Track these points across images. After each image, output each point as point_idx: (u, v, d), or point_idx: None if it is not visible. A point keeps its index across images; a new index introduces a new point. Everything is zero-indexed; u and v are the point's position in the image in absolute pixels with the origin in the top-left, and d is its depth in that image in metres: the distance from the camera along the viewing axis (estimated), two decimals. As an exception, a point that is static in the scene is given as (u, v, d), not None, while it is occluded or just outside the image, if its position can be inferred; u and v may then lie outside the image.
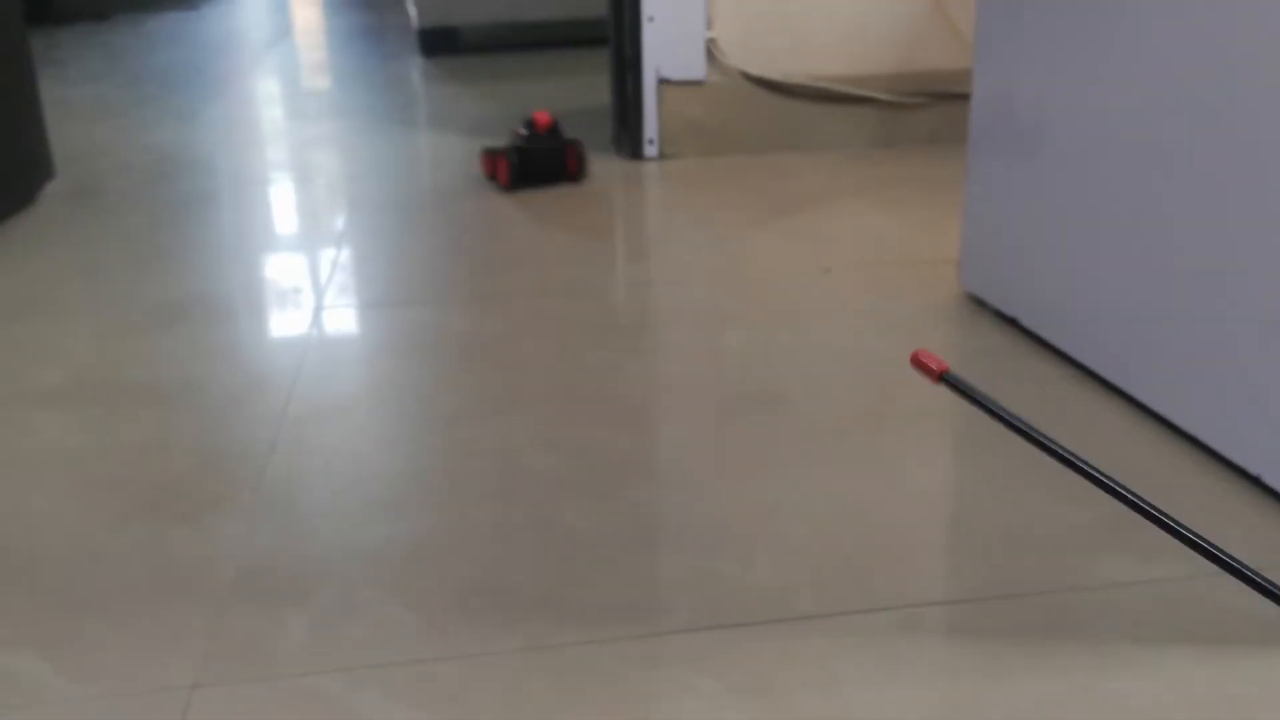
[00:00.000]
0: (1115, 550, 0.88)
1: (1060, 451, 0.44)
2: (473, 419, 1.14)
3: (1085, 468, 0.43)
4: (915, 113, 2.16)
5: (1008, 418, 0.45)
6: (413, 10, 3.81)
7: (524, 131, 1.96)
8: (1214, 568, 0.76)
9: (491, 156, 1.99)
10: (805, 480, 1.00)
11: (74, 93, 3.25)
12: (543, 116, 1.96)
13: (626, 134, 2.19)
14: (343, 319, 1.44)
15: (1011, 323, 1.29)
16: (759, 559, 0.89)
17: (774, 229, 1.73)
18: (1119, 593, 0.83)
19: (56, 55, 4.07)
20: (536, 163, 1.95)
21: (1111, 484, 0.41)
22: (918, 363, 0.47)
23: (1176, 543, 0.88)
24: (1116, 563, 0.86)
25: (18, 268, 1.66)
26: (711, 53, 2.09)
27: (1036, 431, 0.44)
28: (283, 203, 2.05)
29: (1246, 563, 0.63)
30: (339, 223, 1.85)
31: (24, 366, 1.30)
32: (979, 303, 1.36)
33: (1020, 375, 1.19)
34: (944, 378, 0.47)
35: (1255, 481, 0.95)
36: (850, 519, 0.94)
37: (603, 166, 2.14)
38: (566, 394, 1.19)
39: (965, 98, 1.37)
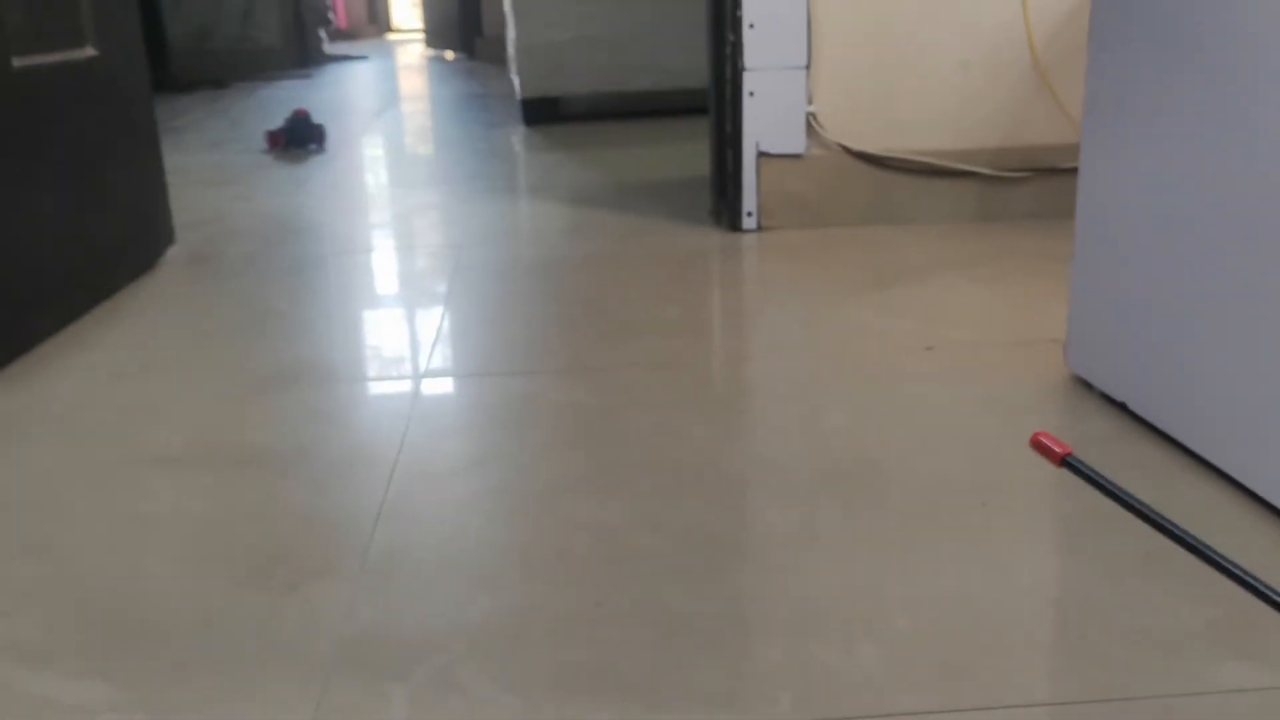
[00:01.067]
0: (1235, 654, 0.85)
1: (1196, 544, 0.43)
2: (573, 493, 1.15)
3: (1223, 562, 0.41)
4: (1017, 187, 2.14)
5: (1136, 504, 0.44)
6: (516, 80, 3.91)
7: (290, 118, 3.48)
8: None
9: (272, 133, 3.47)
10: (908, 566, 0.99)
11: (193, 159, 3.39)
12: (301, 111, 3.52)
13: (725, 206, 2.21)
14: (446, 387, 1.47)
15: (1120, 407, 1.26)
16: (861, 648, 0.87)
17: (874, 304, 1.72)
18: (1238, 700, 0.80)
19: (177, 123, 4.25)
20: (298, 134, 3.46)
21: (1252, 581, 0.40)
22: (1039, 445, 0.46)
23: (1301, 648, 0.85)
24: (1236, 668, 0.83)
25: (139, 332, 1.73)
26: (811, 127, 2.11)
27: (1168, 521, 0.43)
28: (388, 269, 2.11)
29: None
30: (442, 289, 1.89)
31: (142, 429, 1.34)
32: (1086, 385, 1.33)
33: (1129, 462, 1.16)
34: (1066, 461, 0.46)
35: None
36: (955, 608, 0.92)
37: (701, 238, 2.16)
38: (666, 469, 1.19)
39: (1068, 173, 1.36)
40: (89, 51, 1.84)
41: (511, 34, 3.89)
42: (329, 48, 7.50)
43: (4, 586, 1.01)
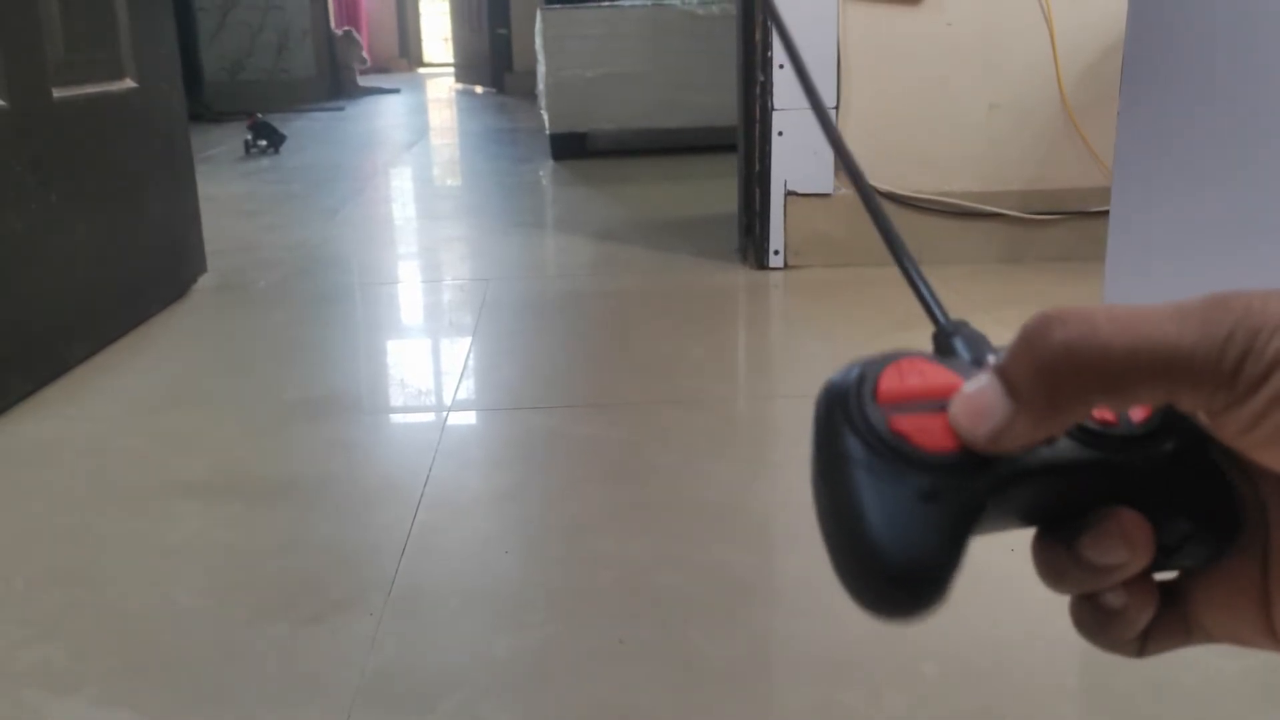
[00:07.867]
0: (1269, 706, 0.83)
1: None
2: (597, 530, 1.14)
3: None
4: (1046, 229, 2.14)
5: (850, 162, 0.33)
6: (545, 116, 3.94)
7: (256, 120, 4.34)
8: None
9: (253, 123, 4.31)
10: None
11: (225, 189, 3.43)
12: (253, 117, 4.43)
13: (752, 244, 2.21)
14: (472, 421, 1.48)
15: (1150, 453, 1.25)
16: (886, 694, 0.87)
17: (900, 344, 1.71)
18: (1273, 755, 0.79)
19: (210, 153, 4.31)
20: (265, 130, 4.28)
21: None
22: None
23: (1335, 703, 0.83)
24: (1269, 721, 0.82)
25: (169, 360, 1.75)
26: (840, 167, 2.11)
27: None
28: (416, 301, 2.12)
29: None
30: (469, 322, 1.90)
31: (171, 458, 1.35)
32: (1115, 430, 1.32)
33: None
34: None
35: None
36: (982, 656, 0.91)
37: (728, 275, 2.17)
38: (691, 508, 1.19)
39: (1098, 215, 1.36)
40: (128, 83, 1.87)
41: (541, 69, 3.93)
42: (361, 80, 7.60)
43: (33, 612, 1.01)
